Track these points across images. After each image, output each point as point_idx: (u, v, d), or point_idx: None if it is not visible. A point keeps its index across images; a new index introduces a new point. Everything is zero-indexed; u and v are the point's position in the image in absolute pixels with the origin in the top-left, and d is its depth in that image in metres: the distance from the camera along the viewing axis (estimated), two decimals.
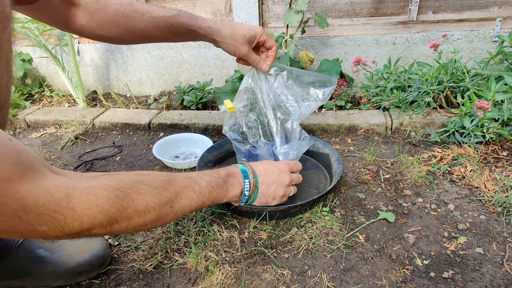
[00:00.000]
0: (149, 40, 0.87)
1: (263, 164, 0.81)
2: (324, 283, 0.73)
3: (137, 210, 0.50)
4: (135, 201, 0.49)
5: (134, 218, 0.50)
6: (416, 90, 1.36)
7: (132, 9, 0.78)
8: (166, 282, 0.76)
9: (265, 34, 0.86)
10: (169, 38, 0.85)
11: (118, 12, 0.77)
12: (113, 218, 0.48)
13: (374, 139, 1.32)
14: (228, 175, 0.72)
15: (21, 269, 0.72)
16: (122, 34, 0.81)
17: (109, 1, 0.78)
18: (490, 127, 1.11)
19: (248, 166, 0.78)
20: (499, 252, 0.78)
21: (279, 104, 0.90)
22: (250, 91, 0.90)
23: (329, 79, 0.91)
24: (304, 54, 1.57)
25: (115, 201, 0.47)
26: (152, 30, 0.81)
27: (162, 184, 0.54)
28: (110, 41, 0.86)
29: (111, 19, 0.77)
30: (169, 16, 0.80)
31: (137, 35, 0.81)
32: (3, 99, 0.46)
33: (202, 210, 0.96)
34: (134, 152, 1.36)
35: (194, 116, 1.52)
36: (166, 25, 0.81)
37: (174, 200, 0.56)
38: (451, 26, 1.61)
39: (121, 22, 0.78)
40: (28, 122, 1.66)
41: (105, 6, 0.77)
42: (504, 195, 0.94)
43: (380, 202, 0.97)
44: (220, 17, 1.85)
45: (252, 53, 0.85)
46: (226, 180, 0.71)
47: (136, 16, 0.78)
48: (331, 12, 1.70)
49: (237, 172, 0.75)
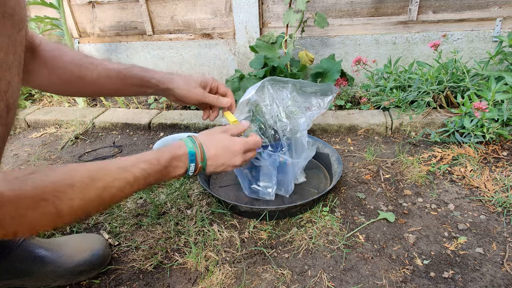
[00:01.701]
0: (99, 92, 0.87)
1: (216, 143, 0.77)
2: (324, 283, 0.73)
3: (61, 215, 0.50)
4: (59, 207, 0.49)
5: (58, 222, 0.51)
6: (416, 90, 1.36)
7: (88, 61, 0.80)
8: (166, 282, 0.76)
9: (216, 81, 0.88)
10: (121, 89, 0.85)
11: (73, 60, 0.79)
12: (37, 227, 0.48)
13: (374, 139, 1.32)
14: (171, 159, 0.69)
15: (21, 269, 0.72)
16: (72, 83, 0.80)
17: (66, 51, 0.79)
18: (490, 127, 1.11)
19: (199, 147, 0.73)
20: (499, 252, 0.78)
21: (288, 116, 0.91)
22: (253, 103, 0.90)
23: (330, 87, 0.93)
24: (304, 54, 1.57)
25: (40, 210, 0.47)
26: (103, 80, 0.81)
27: (90, 181, 0.54)
28: (58, 90, 0.85)
29: (64, 66, 0.78)
30: (122, 68, 0.82)
31: (88, 85, 0.81)
32: (13, 101, 0.46)
33: (202, 210, 0.96)
34: (134, 152, 1.35)
35: (194, 116, 1.52)
36: (118, 75, 0.82)
37: (102, 194, 0.55)
38: (451, 26, 1.61)
39: (74, 70, 0.79)
40: (28, 122, 1.66)
41: (61, 55, 0.78)
42: (504, 195, 0.94)
43: (380, 202, 0.97)
44: (220, 17, 1.85)
45: (208, 94, 0.86)
46: (167, 165, 0.68)
47: (90, 66, 0.80)
48: (331, 12, 1.70)
49: (184, 154, 0.71)
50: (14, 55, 0.44)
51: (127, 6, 1.94)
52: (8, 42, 0.43)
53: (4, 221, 0.44)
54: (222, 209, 0.96)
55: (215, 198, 1.00)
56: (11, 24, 0.43)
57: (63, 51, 0.78)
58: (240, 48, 1.85)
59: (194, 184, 1.09)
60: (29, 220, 0.47)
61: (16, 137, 1.57)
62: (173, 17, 1.92)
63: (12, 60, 0.44)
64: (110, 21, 2.01)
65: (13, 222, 0.45)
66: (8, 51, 0.43)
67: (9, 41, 0.43)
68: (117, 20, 2.00)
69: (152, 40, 1.99)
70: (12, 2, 0.42)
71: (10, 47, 0.43)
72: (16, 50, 0.45)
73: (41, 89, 0.85)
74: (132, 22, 1.98)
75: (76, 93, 0.90)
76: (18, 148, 1.46)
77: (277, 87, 0.91)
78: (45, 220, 0.49)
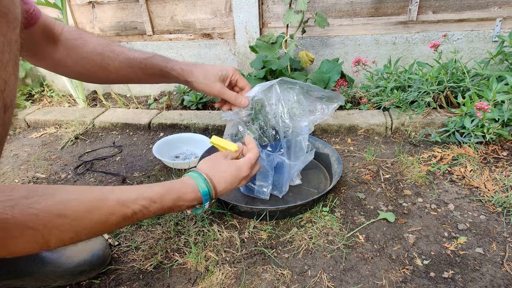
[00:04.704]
0: (121, 80, 0.87)
1: (225, 177, 0.74)
2: (324, 283, 0.73)
3: (48, 244, 0.48)
4: (47, 237, 0.47)
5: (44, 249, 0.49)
6: (416, 90, 1.36)
7: (109, 49, 0.80)
8: (166, 282, 0.76)
9: (237, 73, 0.86)
10: (142, 78, 0.85)
11: (95, 50, 0.79)
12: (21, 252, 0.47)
13: (374, 139, 1.32)
14: (176, 200, 0.65)
15: (21, 269, 0.72)
16: (95, 72, 0.81)
17: (88, 39, 0.79)
18: (491, 128, 1.11)
19: (210, 183, 0.70)
20: (499, 252, 0.78)
21: (291, 117, 0.91)
22: (258, 102, 0.90)
23: (337, 95, 0.93)
24: (304, 54, 1.57)
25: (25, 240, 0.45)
26: (125, 70, 0.82)
27: (85, 213, 0.51)
28: (83, 78, 0.86)
29: (87, 56, 0.79)
30: (143, 57, 0.82)
31: (110, 73, 0.82)
32: (10, 100, 0.46)
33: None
34: (134, 152, 1.36)
35: (194, 116, 1.52)
36: (139, 65, 0.82)
37: (94, 227, 0.53)
38: (451, 26, 1.61)
39: (97, 59, 0.79)
40: (28, 122, 1.66)
41: (83, 44, 0.78)
42: (504, 195, 0.94)
43: (380, 202, 0.97)
44: (220, 17, 1.85)
45: (227, 90, 0.84)
46: (171, 206, 0.64)
47: (112, 55, 0.80)
48: (331, 12, 1.70)
49: (193, 196, 0.67)
50: (9, 54, 0.44)
51: (127, 6, 1.94)
52: (3, 40, 0.42)
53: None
54: (222, 209, 0.96)
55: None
56: (5, 22, 0.42)
57: (85, 39, 0.78)
58: (240, 48, 1.85)
59: None
60: (13, 245, 0.45)
61: (16, 137, 1.57)
62: (173, 17, 1.92)
63: (7, 59, 0.43)
64: (110, 21, 2.01)
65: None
66: (4, 49, 0.42)
67: (4, 39, 0.42)
68: (117, 20, 2.00)
69: (152, 40, 1.99)
70: (6, 1, 0.42)
71: (6, 46, 0.43)
72: (12, 49, 0.44)
73: (70, 77, 0.85)
74: (132, 22, 1.98)
75: (101, 81, 0.89)
76: (18, 148, 1.46)
77: (285, 88, 0.90)
78: (29, 247, 0.47)
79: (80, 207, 0.51)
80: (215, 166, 0.75)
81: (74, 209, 0.50)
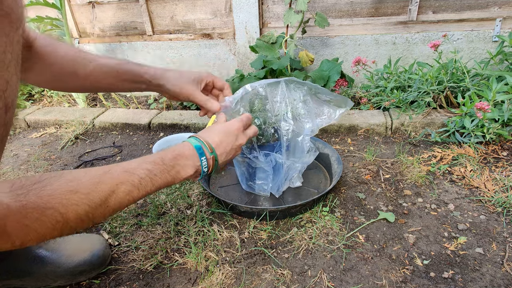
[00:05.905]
0: (94, 87, 0.86)
1: (216, 133, 0.75)
2: (324, 283, 0.73)
3: (68, 222, 0.50)
4: (65, 215, 0.49)
5: (65, 230, 0.51)
6: (416, 90, 1.36)
7: (81, 56, 0.79)
8: (166, 282, 0.76)
9: (212, 75, 0.85)
10: (115, 84, 0.84)
11: (67, 55, 0.78)
12: (44, 236, 0.48)
13: (374, 139, 1.32)
14: (176, 158, 0.67)
15: (21, 269, 0.72)
16: (66, 79, 0.80)
17: (58, 46, 0.78)
18: (491, 128, 1.11)
19: (203, 140, 0.72)
20: (499, 252, 0.78)
21: (295, 117, 0.90)
22: (261, 97, 0.89)
23: (345, 100, 0.92)
24: (304, 54, 1.57)
25: (46, 221, 0.47)
26: (97, 76, 0.81)
27: (94, 186, 0.53)
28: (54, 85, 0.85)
29: (57, 62, 0.77)
30: (115, 63, 0.81)
31: (82, 80, 0.80)
32: (11, 100, 0.46)
33: (202, 210, 0.96)
34: (134, 152, 1.36)
35: (194, 116, 1.52)
36: (111, 71, 0.81)
37: (108, 199, 0.55)
38: (451, 26, 1.61)
39: (68, 66, 0.78)
40: (28, 122, 1.66)
41: (54, 50, 0.77)
42: (504, 195, 0.94)
43: (380, 202, 0.97)
44: (220, 17, 1.85)
45: (199, 93, 0.83)
46: (173, 165, 0.66)
47: (84, 62, 0.79)
48: (331, 12, 1.70)
49: (190, 152, 0.69)
50: (11, 54, 0.44)
51: (127, 6, 1.94)
52: (6, 40, 0.42)
53: (11, 232, 0.44)
54: (222, 209, 0.96)
55: (215, 198, 1.00)
56: (8, 22, 0.42)
57: (56, 46, 0.77)
58: (240, 48, 1.85)
59: (194, 184, 1.09)
60: (35, 230, 0.46)
61: (16, 137, 1.57)
62: (173, 17, 1.92)
63: (10, 59, 0.44)
64: (110, 21, 2.01)
65: (20, 233, 0.45)
66: (6, 49, 0.43)
67: (6, 39, 0.42)
68: (117, 20, 2.00)
69: (152, 40, 1.99)
70: (9, 1, 0.42)
71: (8, 46, 0.43)
72: (14, 49, 0.44)
73: (39, 85, 0.84)
74: (132, 22, 1.98)
75: (72, 89, 0.88)
76: (18, 148, 1.46)
77: (292, 87, 0.89)
78: (51, 228, 0.48)
79: (89, 182, 0.53)
80: (205, 130, 0.77)
81: (84, 184, 0.52)
